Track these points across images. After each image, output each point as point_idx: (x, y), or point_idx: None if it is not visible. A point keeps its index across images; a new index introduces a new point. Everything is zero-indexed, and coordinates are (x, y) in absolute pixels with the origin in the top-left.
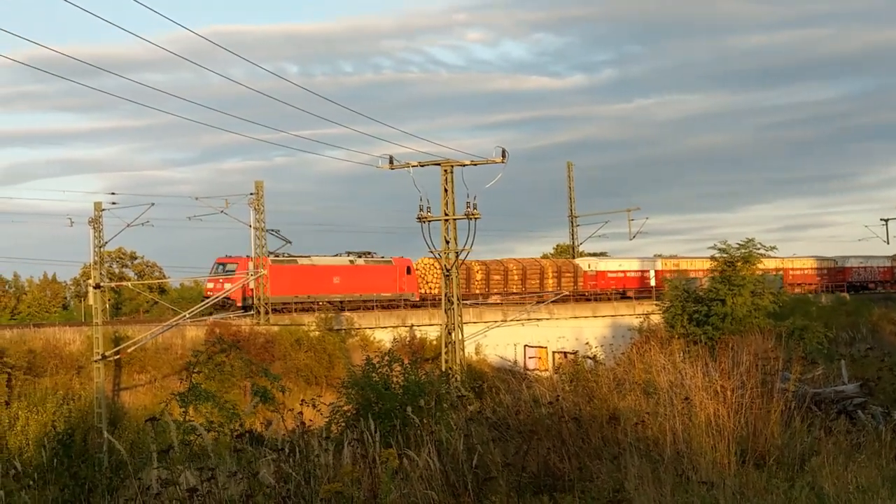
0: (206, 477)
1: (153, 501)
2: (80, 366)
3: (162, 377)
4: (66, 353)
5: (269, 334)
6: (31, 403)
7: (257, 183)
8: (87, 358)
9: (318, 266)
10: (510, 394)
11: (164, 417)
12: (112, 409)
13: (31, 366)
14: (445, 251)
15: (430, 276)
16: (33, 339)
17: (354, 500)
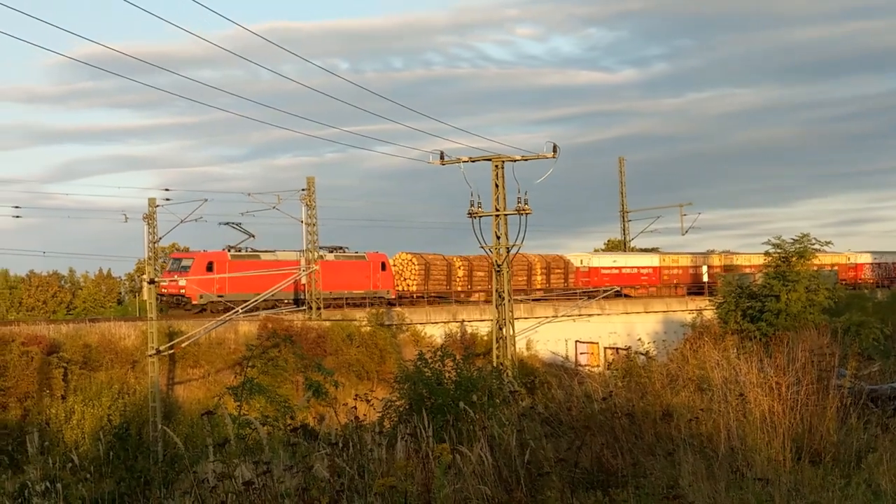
0: (261, 471)
1: (209, 495)
2: (134, 360)
3: (215, 372)
4: (121, 347)
5: (321, 329)
6: (87, 397)
7: (309, 179)
8: (142, 352)
9: (282, 262)
10: (562, 389)
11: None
12: (166, 403)
13: (87, 360)
14: (496, 246)
15: (408, 272)
16: (89, 334)
17: (408, 494)
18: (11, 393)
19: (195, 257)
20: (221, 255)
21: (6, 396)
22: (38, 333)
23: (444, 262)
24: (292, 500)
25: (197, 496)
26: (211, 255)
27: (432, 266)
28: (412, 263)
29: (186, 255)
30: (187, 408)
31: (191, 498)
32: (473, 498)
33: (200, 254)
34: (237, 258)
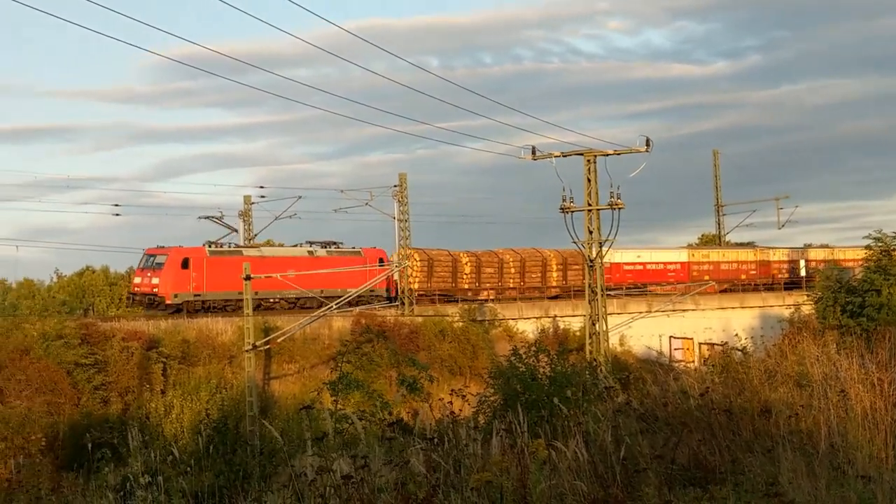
0: (359, 465)
1: (307, 488)
2: (231, 355)
3: (310, 367)
4: (219, 342)
5: (414, 325)
6: (186, 392)
7: (401, 175)
8: (239, 347)
9: (267, 258)
10: (657, 385)
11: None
12: (262, 397)
13: (185, 355)
14: (588, 241)
15: (411, 269)
16: (187, 330)
17: (504, 489)
18: (113, 388)
19: (169, 253)
20: (198, 251)
21: (108, 391)
22: (137, 329)
23: (450, 257)
24: (389, 494)
25: (295, 489)
26: (186, 251)
27: (436, 262)
28: (413, 259)
29: (160, 251)
30: (283, 402)
31: (289, 491)
32: (569, 494)
33: (175, 249)
34: (217, 254)
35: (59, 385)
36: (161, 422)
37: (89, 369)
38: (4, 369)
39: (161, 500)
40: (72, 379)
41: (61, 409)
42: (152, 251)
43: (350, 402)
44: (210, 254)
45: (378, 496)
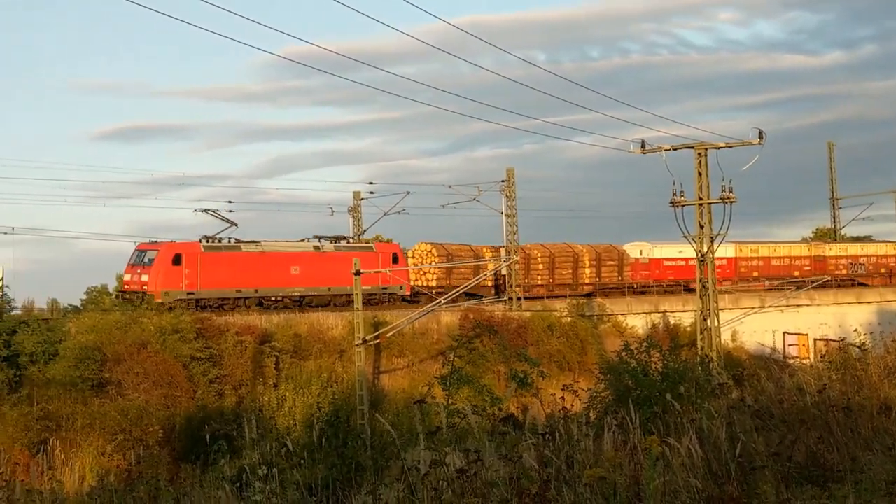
0: (472, 459)
1: (421, 482)
2: (342, 349)
3: (419, 361)
4: (329, 337)
5: (522, 320)
6: (297, 385)
7: (508, 170)
8: (349, 342)
9: (268, 254)
10: (772, 382)
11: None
12: (372, 391)
13: (297, 349)
14: (699, 236)
15: (428, 264)
16: (298, 324)
17: (617, 485)
18: (227, 381)
19: (160, 249)
20: (192, 246)
21: (222, 384)
22: (251, 324)
23: (471, 252)
24: (501, 488)
25: (409, 483)
26: (178, 247)
27: (455, 258)
28: (431, 255)
29: (151, 246)
30: (392, 396)
31: (402, 485)
32: (683, 491)
33: (166, 245)
34: (212, 250)
35: (175, 378)
36: (274, 414)
37: (204, 363)
38: (123, 363)
39: (277, 492)
40: (188, 372)
41: (178, 402)
42: (144, 247)
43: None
44: (205, 249)
45: (490, 490)
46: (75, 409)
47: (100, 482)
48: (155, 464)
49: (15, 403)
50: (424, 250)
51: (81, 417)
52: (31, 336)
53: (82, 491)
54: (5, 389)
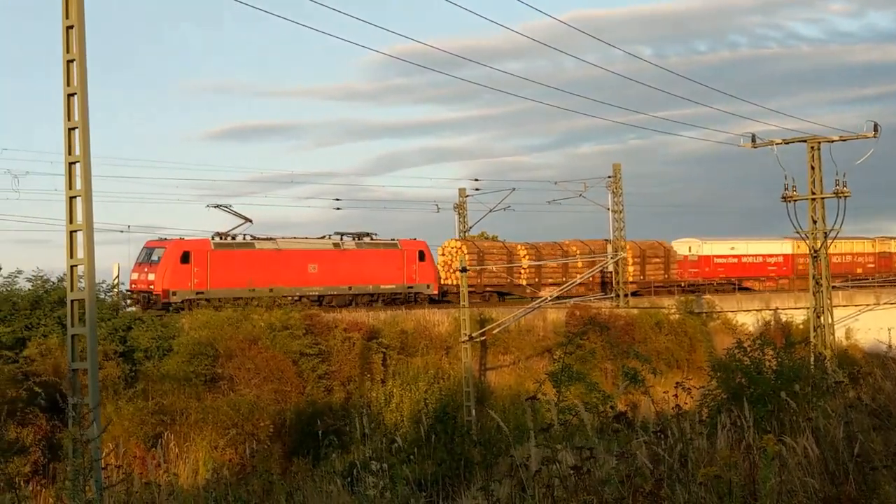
0: (585, 456)
1: (532, 479)
2: (448, 346)
3: (525, 358)
4: (435, 333)
5: (629, 317)
6: (405, 381)
7: (615, 165)
8: (455, 339)
9: (284, 252)
10: (889, 380)
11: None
12: (478, 387)
13: (404, 346)
14: (812, 231)
15: (458, 262)
16: (405, 321)
17: (732, 484)
18: (335, 376)
19: (167, 247)
20: (202, 243)
21: (331, 380)
22: (358, 320)
23: (504, 250)
24: (614, 486)
25: (520, 479)
26: (187, 244)
27: (487, 255)
28: (461, 252)
29: (159, 243)
30: (499, 393)
31: (513, 481)
32: (799, 491)
33: (173, 242)
34: (223, 248)
35: (285, 374)
36: (382, 410)
37: (313, 359)
38: (234, 358)
39: (389, 487)
40: (297, 368)
41: (287, 397)
42: (152, 244)
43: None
44: (215, 247)
45: (604, 488)
46: (189, 403)
47: (214, 475)
48: (267, 458)
49: (131, 398)
50: (454, 247)
51: (195, 412)
52: (145, 332)
53: (197, 484)
54: (121, 384)
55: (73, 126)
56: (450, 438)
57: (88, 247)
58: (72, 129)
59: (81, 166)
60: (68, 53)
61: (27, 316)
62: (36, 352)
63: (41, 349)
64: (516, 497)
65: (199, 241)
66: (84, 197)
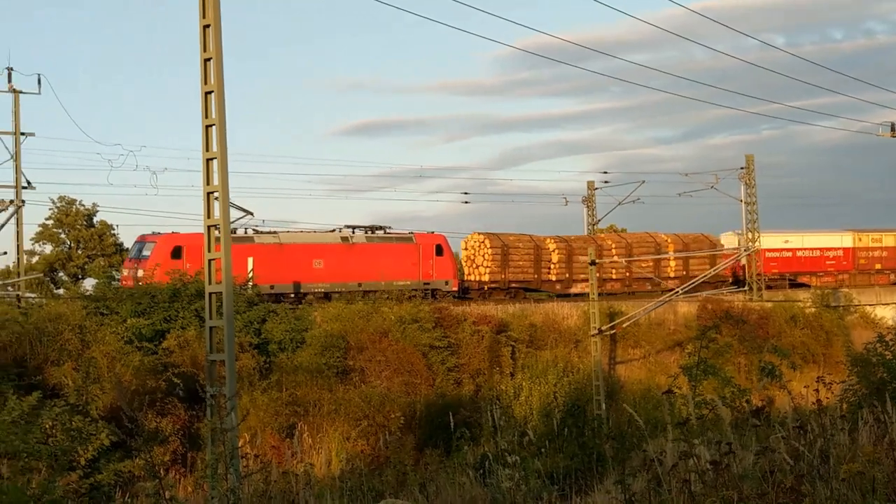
0: (724, 451)
1: (667, 473)
2: (577, 339)
3: (655, 352)
4: (564, 327)
5: (763, 311)
6: (534, 375)
7: (748, 156)
8: (584, 332)
9: (287, 246)
10: None
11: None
12: (608, 381)
13: (532, 339)
14: None
15: (481, 257)
16: (534, 314)
17: (876, 481)
18: (465, 369)
19: (157, 241)
20: (195, 237)
21: (460, 372)
22: (487, 313)
23: (531, 243)
24: (753, 481)
25: (655, 474)
26: (179, 239)
27: (512, 250)
28: (484, 246)
29: (150, 238)
30: (629, 387)
31: (648, 476)
32: None
33: (164, 236)
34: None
35: (415, 366)
36: (511, 403)
37: (443, 351)
38: (366, 350)
39: (525, 479)
40: (427, 361)
41: (417, 390)
42: (144, 238)
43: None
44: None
45: (743, 483)
46: (321, 395)
47: (349, 465)
48: (399, 449)
49: (265, 389)
50: (477, 241)
51: (327, 403)
52: (279, 324)
53: (331, 474)
54: (256, 375)
55: (210, 123)
56: (580, 432)
57: (225, 241)
58: (209, 126)
59: (218, 162)
60: (205, 52)
61: (166, 309)
62: (174, 343)
63: (179, 341)
64: (652, 492)
65: (193, 235)
66: (221, 192)
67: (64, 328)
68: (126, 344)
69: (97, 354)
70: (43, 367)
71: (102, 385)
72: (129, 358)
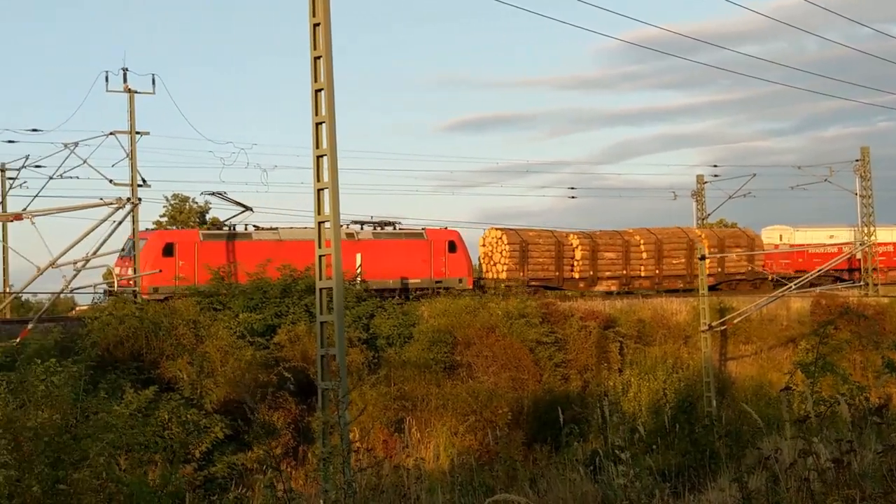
0: (845, 449)
1: (785, 471)
2: (686, 335)
3: (767, 348)
4: (673, 322)
5: (879, 306)
6: (642, 371)
7: (863, 149)
8: (694, 328)
9: (286, 243)
10: None
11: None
12: (718, 378)
13: (641, 335)
14: None
15: (498, 254)
16: (642, 310)
17: None
18: (572, 365)
19: (148, 238)
20: (188, 234)
21: (567, 368)
22: (594, 309)
23: (553, 239)
24: (877, 480)
25: (772, 472)
26: (170, 235)
27: (531, 246)
28: (502, 242)
29: (142, 235)
30: (740, 384)
31: (765, 474)
32: None
33: (155, 233)
34: (213, 239)
35: (522, 362)
36: (619, 399)
37: (550, 347)
38: (473, 346)
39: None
40: (534, 356)
41: (524, 385)
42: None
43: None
44: (204, 238)
45: (866, 483)
46: (429, 390)
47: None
48: (509, 444)
49: (374, 384)
50: (494, 237)
51: (435, 398)
52: (387, 319)
53: (440, 468)
54: (365, 370)
55: (320, 121)
56: (692, 429)
57: (336, 237)
58: (319, 123)
59: (329, 159)
60: (315, 50)
61: (277, 304)
62: (285, 338)
63: (290, 336)
64: (769, 491)
65: (187, 231)
66: (331, 189)
67: (179, 323)
68: (238, 339)
69: (210, 349)
70: (159, 361)
71: (216, 379)
72: (241, 352)
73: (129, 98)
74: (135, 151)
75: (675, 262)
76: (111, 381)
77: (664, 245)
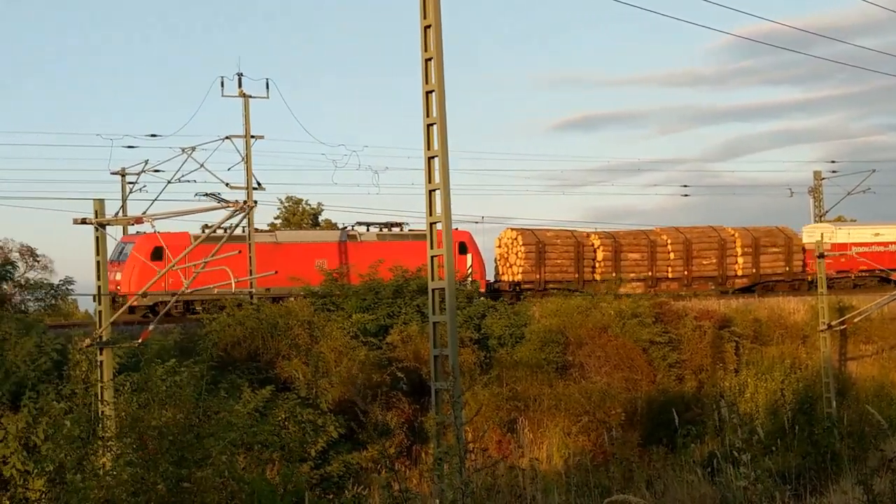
0: None
1: None
2: (804, 335)
3: (889, 348)
4: (791, 322)
5: None
6: (759, 371)
7: None
8: (812, 327)
9: (286, 245)
10: None
11: None
12: (838, 378)
13: (757, 334)
14: None
15: (514, 255)
16: (758, 309)
17: None
18: (686, 365)
19: (136, 242)
20: (180, 237)
21: (682, 368)
22: (709, 308)
23: (572, 239)
24: None
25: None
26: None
27: (549, 247)
28: (517, 243)
29: (131, 238)
30: (860, 384)
31: (889, 475)
32: None
33: (143, 237)
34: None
35: (635, 362)
36: (735, 400)
37: (664, 347)
38: (585, 346)
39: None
40: (647, 356)
41: (638, 386)
42: (126, 239)
43: None
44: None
45: None
46: (541, 390)
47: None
48: (624, 445)
49: (486, 384)
50: (510, 237)
51: (547, 399)
52: (499, 320)
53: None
54: (477, 370)
55: (431, 122)
56: (812, 430)
57: (447, 238)
58: (430, 124)
59: (440, 160)
60: (426, 52)
61: (389, 304)
62: (398, 338)
63: (402, 336)
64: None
65: (179, 234)
66: (442, 190)
67: (294, 324)
68: (352, 339)
69: (325, 349)
70: (275, 361)
71: (331, 379)
72: (355, 353)
73: (244, 103)
74: (249, 155)
75: (705, 262)
76: (231, 380)
77: (693, 245)
